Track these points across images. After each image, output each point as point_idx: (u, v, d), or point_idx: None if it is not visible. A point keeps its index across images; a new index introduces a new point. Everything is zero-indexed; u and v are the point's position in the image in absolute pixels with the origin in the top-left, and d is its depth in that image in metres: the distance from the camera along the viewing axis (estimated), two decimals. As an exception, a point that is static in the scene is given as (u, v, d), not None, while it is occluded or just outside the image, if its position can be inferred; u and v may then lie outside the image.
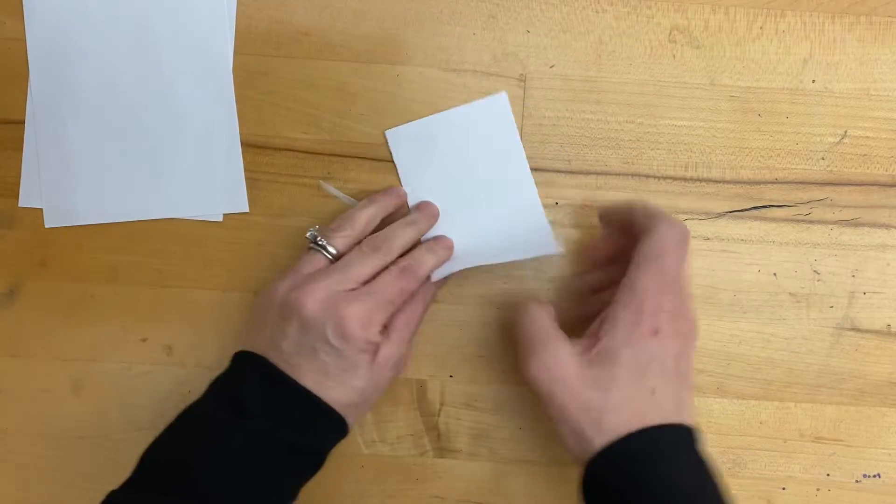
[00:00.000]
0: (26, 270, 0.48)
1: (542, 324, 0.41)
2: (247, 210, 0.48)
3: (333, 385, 0.40)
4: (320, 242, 0.43)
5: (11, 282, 0.48)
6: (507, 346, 0.48)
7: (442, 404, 0.48)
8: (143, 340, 0.48)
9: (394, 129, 0.48)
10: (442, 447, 0.48)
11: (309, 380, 0.40)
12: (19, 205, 0.48)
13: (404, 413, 0.48)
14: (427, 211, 0.47)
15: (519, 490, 0.48)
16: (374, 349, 0.41)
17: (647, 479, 0.37)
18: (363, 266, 0.42)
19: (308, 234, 0.44)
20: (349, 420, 0.41)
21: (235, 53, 0.48)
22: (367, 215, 0.45)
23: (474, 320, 0.48)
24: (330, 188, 0.47)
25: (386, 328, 0.42)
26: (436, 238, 0.47)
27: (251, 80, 0.48)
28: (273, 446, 0.39)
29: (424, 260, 0.44)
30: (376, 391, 0.43)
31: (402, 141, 0.48)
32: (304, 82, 0.48)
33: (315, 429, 0.41)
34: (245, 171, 0.48)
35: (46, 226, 0.48)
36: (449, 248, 0.47)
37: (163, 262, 0.48)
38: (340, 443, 0.45)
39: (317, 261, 0.43)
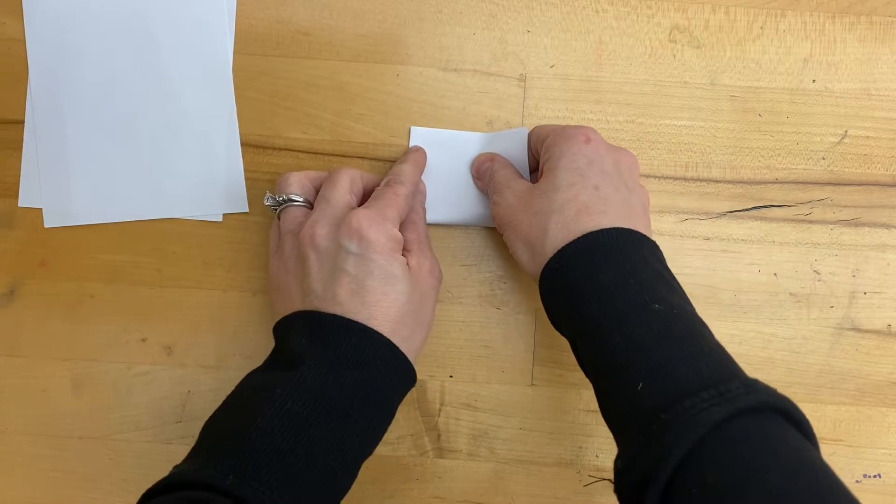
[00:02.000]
0: (26, 270, 0.48)
1: (507, 171, 0.44)
2: (247, 210, 0.48)
3: (373, 297, 0.38)
4: (281, 198, 0.43)
5: (11, 282, 0.48)
6: (508, 346, 0.48)
7: (442, 404, 0.48)
8: (143, 340, 0.48)
9: (420, 128, 0.48)
10: (442, 447, 0.48)
11: (347, 303, 0.38)
12: (19, 205, 0.48)
13: (404, 413, 0.48)
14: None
15: (519, 490, 0.48)
16: (399, 247, 0.41)
17: (592, 275, 0.37)
18: (340, 186, 0.42)
19: (267, 202, 0.43)
20: (402, 340, 0.39)
21: (235, 53, 0.48)
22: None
23: (474, 320, 0.48)
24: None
25: (403, 246, 0.42)
26: (407, 153, 0.47)
27: (251, 80, 0.48)
28: (323, 390, 0.36)
29: (402, 169, 0.44)
30: (424, 299, 0.41)
31: (421, 142, 0.48)
32: (304, 82, 0.48)
33: (365, 357, 0.38)
34: (245, 171, 0.48)
35: (46, 226, 0.48)
36: (423, 154, 0.47)
37: (163, 262, 0.48)
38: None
39: (293, 213, 0.43)
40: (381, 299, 0.39)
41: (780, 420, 0.32)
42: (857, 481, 0.49)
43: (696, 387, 0.33)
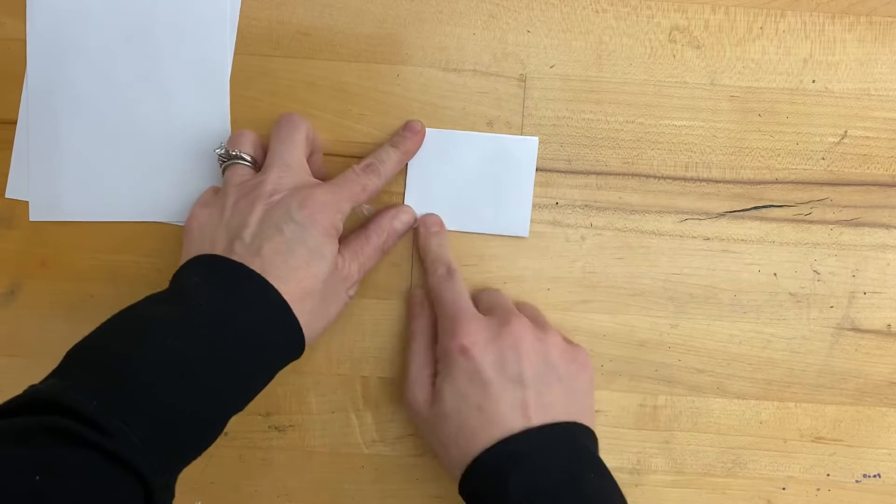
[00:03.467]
0: (26, 270, 0.48)
1: (417, 350, 0.45)
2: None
3: (294, 265, 0.38)
4: (233, 153, 0.43)
5: (11, 282, 0.48)
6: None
7: (442, 404, 0.48)
8: (143, 340, 0.48)
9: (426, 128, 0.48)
10: (442, 447, 0.48)
11: (269, 259, 0.38)
12: (6, 196, 0.48)
13: (404, 413, 0.48)
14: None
15: (519, 490, 0.48)
16: (337, 238, 0.41)
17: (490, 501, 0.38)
18: (293, 145, 0.42)
19: (218, 151, 0.43)
20: (302, 314, 0.38)
21: (235, 53, 0.48)
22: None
23: (474, 320, 0.48)
24: None
25: (343, 251, 0.42)
26: (401, 135, 0.46)
27: (251, 80, 0.48)
28: (213, 335, 0.35)
29: (388, 156, 0.45)
30: (336, 292, 0.42)
31: (425, 143, 0.48)
32: (304, 82, 0.48)
33: (261, 314, 0.37)
34: (245, 171, 0.48)
35: (31, 219, 0.48)
36: (417, 132, 0.46)
37: (163, 262, 0.48)
38: (341, 443, 0.45)
39: (240, 171, 0.43)
40: (300, 267, 0.39)
41: None
42: (857, 481, 0.49)
43: None
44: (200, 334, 0.35)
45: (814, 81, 0.49)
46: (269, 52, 0.48)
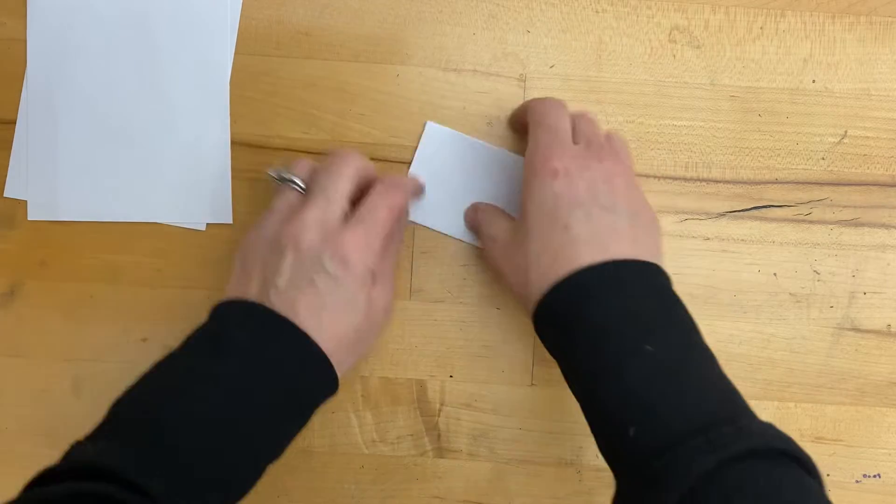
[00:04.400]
0: (26, 270, 0.48)
1: (490, 217, 0.45)
2: (230, 222, 0.48)
3: (329, 318, 0.38)
4: (286, 176, 0.42)
5: (11, 282, 0.48)
6: (508, 346, 0.48)
7: (442, 404, 0.48)
8: (143, 340, 0.48)
9: (437, 125, 0.48)
10: (442, 447, 0.48)
11: (303, 313, 0.37)
12: (4, 195, 0.48)
13: (404, 413, 0.48)
14: None
15: (519, 490, 0.48)
16: (372, 279, 0.40)
17: (576, 321, 0.37)
18: (340, 179, 0.41)
19: (271, 173, 0.43)
20: (338, 363, 0.39)
21: (235, 53, 0.48)
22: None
23: (474, 320, 0.48)
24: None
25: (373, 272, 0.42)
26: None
27: (251, 80, 0.48)
28: (247, 393, 0.36)
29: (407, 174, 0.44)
30: (369, 332, 0.42)
31: (434, 141, 0.48)
32: (304, 82, 0.48)
33: (299, 370, 0.37)
34: (245, 171, 0.48)
35: (29, 218, 0.48)
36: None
37: (163, 262, 0.48)
38: (341, 443, 0.45)
39: (288, 196, 0.42)
40: (336, 321, 0.39)
41: (780, 462, 0.32)
42: (857, 481, 0.49)
43: (687, 432, 0.32)
44: (240, 390, 0.36)
45: (814, 81, 0.49)
46: (269, 52, 0.48)
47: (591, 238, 0.38)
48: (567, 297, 0.38)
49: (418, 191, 0.47)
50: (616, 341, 0.36)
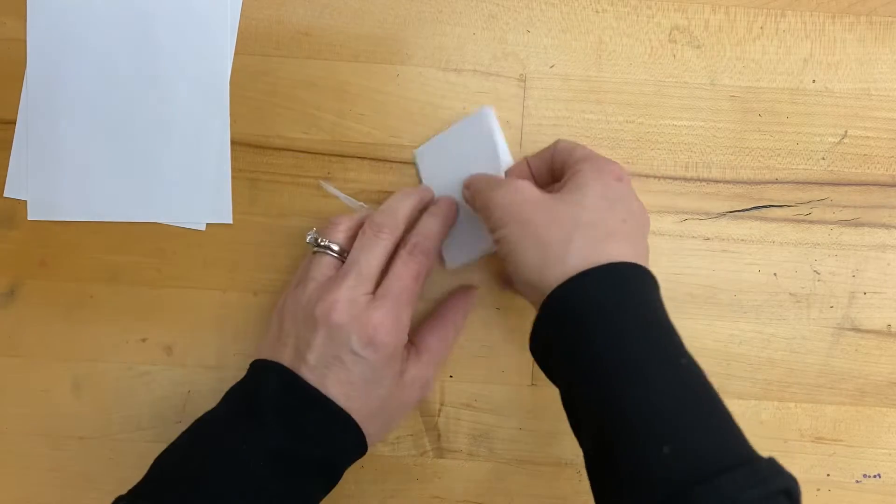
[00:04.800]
0: (26, 270, 0.48)
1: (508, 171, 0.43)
2: (230, 222, 0.48)
3: (357, 396, 0.39)
4: (322, 243, 0.42)
5: (11, 282, 0.48)
6: (508, 346, 0.48)
7: (442, 404, 0.48)
8: (143, 340, 0.48)
9: (420, 147, 0.47)
10: (442, 447, 0.48)
11: (334, 390, 0.38)
12: (4, 195, 0.48)
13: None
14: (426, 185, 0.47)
15: (519, 490, 0.48)
16: (403, 357, 0.41)
17: (613, 311, 0.35)
18: (372, 254, 0.40)
19: (308, 239, 0.43)
20: (369, 434, 0.40)
21: (235, 53, 0.48)
22: (366, 211, 0.45)
23: (474, 320, 0.48)
24: (330, 188, 0.47)
25: (415, 346, 0.43)
26: (435, 201, 0.45)
27: (251, 80, 0.48)
28: (286, 458, 0.37)
29: (430, 229, 0.42)
30: (400, 407, 0.42)
31: (430, 159, 0.47)
32: (304, 82, 0.48)
33: (332, 440, 0.39)
34: (245, 171, 0.48)
35: (29, 218, 0.48)
36: (451, 206, 0.44)
37: (163, 262, 0.48)
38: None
39: (324, 263, 0.42)
40: (363, 395, 0.39)
41: (797, 501, 0.32)
42: (857, 481, 0.49)
43: (729, 463, 0.31)
44: (275, 457, 0.37)
45: (814, 81, 0.49)
46: (269, 52, 0.48)
47: (639, 244, 0.38)
48: (611, 280, 0.35)
49: (449, 220, 0.45)
50: (648, 346, 0.34)
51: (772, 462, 0.32)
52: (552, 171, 0.43)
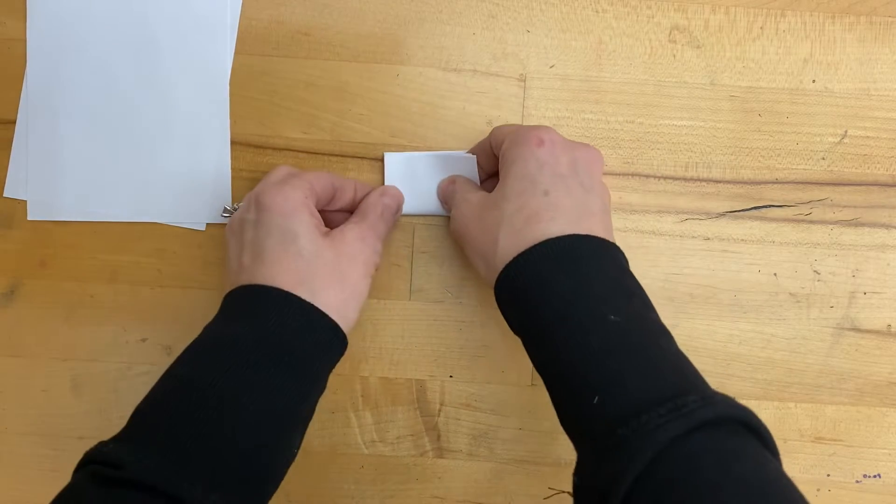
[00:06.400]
0: (26, 270, 0.48)
1: (466, 185, 0.45)
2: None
3: (274, 257, 0.38)
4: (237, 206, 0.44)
5: (11, 282, 0.48)
6: (508, 346, 0.48)
7: (442, 404, 0.48)
8: (143, 340, 0.48)
9: (393, 154, 0.48)
10: (442, 447, 0.48)
11: (249, 269, 0.38)
12: (4, 195, 0.48)
13: (404, 413, 0.48)
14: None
15: (519, 490, 0.48)
16: (304, 210, 0.40)
17: (544, 285, 0.37)
18: (321, 175, 0.43)
19: (224, 213, 0.46)
20: (312, 297, 0.38)
21: (235, 53, 0.48)
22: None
23: (474, 320, 0.48)
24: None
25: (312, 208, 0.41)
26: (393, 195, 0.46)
27: (251, 80, 0.48)
28: (253, 364, 0.36)
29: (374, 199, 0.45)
30: (343, 259, 0.40)
31: (398, 168, 0.48)
32: (304, 82, 0.48)
33: (264, 309, 0.37)
34: (245, 171, 0.48)
35: (29, 218, 0.48)
36: (397, 196, 0.46)
37: (163, 262, 0.48)
38: (340, 443, 0.45)
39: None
40: (281, 256, 0.38)
41: (740, 432, 0.32)
42: (857, 481, 0.49)
43: (653, 401, 0.32)
44: (243, 363, 0.36)
45: (814, 81, 0.49)
46: (269, 52, 0.48)
47: (569, 210, 0.38)
48: (539, 260, 0.37)
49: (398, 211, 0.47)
50: (583, 310, 0.36)
51: (707, 396, 0.32)
52: (497, 159, 0.44)
